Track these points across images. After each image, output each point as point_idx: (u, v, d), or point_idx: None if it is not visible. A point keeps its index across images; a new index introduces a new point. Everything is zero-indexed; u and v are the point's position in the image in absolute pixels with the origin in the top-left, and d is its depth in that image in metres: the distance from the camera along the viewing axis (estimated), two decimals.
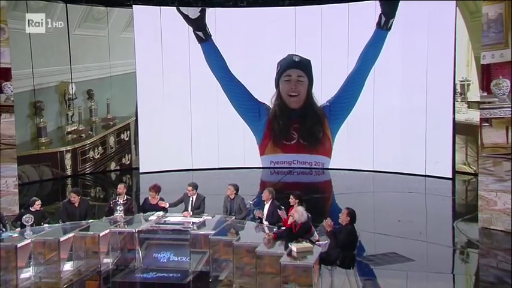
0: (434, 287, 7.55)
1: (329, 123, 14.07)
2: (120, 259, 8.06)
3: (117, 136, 14.18)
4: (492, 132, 9.59)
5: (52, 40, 12.80)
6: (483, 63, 9.70)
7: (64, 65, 13.06)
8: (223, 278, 7.56)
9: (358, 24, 13.47)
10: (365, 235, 8.50)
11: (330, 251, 7.32)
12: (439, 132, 12.97)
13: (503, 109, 9.33)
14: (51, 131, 13.14)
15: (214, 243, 7.84)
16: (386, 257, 8.27)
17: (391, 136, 13.40)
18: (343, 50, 13.60)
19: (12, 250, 7.49)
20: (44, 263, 7.74)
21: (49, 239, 7.84)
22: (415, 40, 13.09)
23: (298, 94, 14.06)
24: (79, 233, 8.05)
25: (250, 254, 7.52)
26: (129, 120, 14.21)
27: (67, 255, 7.87)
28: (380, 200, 11.87)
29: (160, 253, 8.18)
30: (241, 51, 13.69)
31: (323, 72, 13.76)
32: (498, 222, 9.41)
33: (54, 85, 13.01)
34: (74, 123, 13.48)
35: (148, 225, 8.35)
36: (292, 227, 7.59)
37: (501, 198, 9.38)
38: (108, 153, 14.09)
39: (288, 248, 7.21)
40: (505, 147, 9.38)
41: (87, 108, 13.69)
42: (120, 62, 13.74)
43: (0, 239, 7.73)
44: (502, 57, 9.30)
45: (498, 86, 9.33)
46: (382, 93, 13.50)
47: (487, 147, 9.67)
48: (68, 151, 13.37)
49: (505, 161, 9.37)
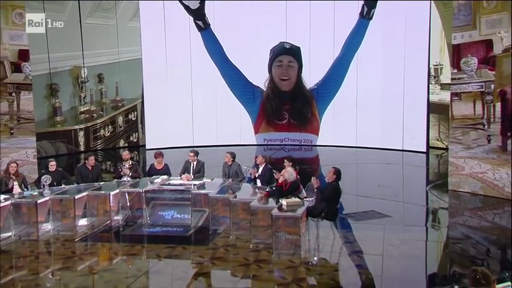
0: (408, 237, 7.69)
1: (317, 104, 14.09)
2: (129, 216, 8.26)
3: (125, 116, 14.18)
4: (461, 105, 9.75)
5: (66, 28, 12.75)
6: (454, 43, 9.83)
7: (77, 51, 13.06)
8: (221, 231, 7.76)
9: (343, 14, 13.46)
10: (348, 198, 8.64)
11: (316, 205, 7.50)
12: (415, 111, 13.09)
13: (471, 84, 9.50)
14: (66, 111, 13.19)
15: (213, 202, 8.04)
16: (366, 214, 8.44)
17: (372, 115, 13.48)
18: (329, 38, 13.60)
19: (33, 206, 7.72)
20: (61, 218, 7.95)
21: (65, 196, 8.06)
22: (393, 29, 13.13)
23: (289, 78, 14.05)
24: (92, 192, 8.26)
25: (245, 210, 7.72)
26: (136, 102, 14.20)
27: (81, 212, 8.07)
28: (362, 171, 12.04)
29: (165, 211, 8.38)
30: (237, 39, 13.60)
31: (311, 58, 13.77)
32: (465, 185, 9.59)
33: (68, 69, 13.04)
34: (86, 104, 13.51)
35: (154, 187, 8.54)
36: (282, 186, 7.77)
37: (468, 164, 9.56)
38: (117, 132, 14.11)
39: (278, 203, 7.42)
40: (472, 118, 9.58)
41: (98, 91, 13.72)
42: (127, 49, 13.71)
43: (23, 197, 7.92)
44: (470, 38, 9.46)
45: (467, 64, 9.48)
46: (364, 77, 13.53)
47: (457, 118, 9.84)
48: (81, 129, 13.43)
49: (472, 130, 9.57)
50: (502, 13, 9.07)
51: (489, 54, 9.26)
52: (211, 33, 13.79)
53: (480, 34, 9.35)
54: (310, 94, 14.08)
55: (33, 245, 7.32)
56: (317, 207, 7.44)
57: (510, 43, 8.98)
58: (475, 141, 9.47)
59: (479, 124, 9.47)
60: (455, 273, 5.51)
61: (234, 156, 9.22)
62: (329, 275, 6.25)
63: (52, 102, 12.88)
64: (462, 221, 8.65)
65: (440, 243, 7.79)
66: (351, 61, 13.64)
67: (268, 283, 6.08)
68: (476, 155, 9.47)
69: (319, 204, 7.44)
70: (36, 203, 7.71)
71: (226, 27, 13.75)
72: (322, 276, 6.18)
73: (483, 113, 9.39)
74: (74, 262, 6.85)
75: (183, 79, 13.84)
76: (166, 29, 13.70)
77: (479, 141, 9.45)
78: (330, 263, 6.77)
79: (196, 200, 8.14)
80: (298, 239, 7.06)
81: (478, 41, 9.37)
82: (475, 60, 9.41)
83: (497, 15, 9.12)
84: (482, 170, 9.40)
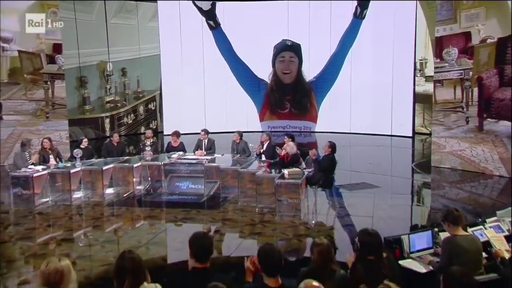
0: (395, 203, 7.79)
1: (315, 95, 14.11)
2: (149, 187, 8.38)
3: (145, 106, 14.24)
4: (443, 90, 9.82)
5: (93, 27, 12.88)
6: (437, 35, 9.85)
7: (103, 47, 13.11)
8: (230, 199, 7.87)
9: (338, 14, 13.48)
10: (342, 173, 8.67)
11: (314, 174, 7.61)
12: (402, 101, 13.12)
13: (451, 72, 9.55)
14: (93, 100, 13.26)
15: (224, 173, 8.20)
16: (358, 185, 8.55)
17: (364, 105, 13.47)
18: (326, 36, 13.61)
19: (67, 175, 7.89)
20: (91, 187, 8.10)
21: (94, 168, 8.21)
22: (383, 27, 13.12)
23: (290, 72, 14.07)
24: (118, 165, 8.41)
25: (252, 180, 7.84)
26: (155, 93, 14.24)
27: (108, 182, 8.22)
28: (355, 152, 12.05)
29: (181, 182, 8.48)
30: (244, 37, 13.60)
31: (310, 53, 13.78)
32: (446, 162, 9.67)
33: (95, 63, 13.11)
34: (111, 94, 13.55)
35: (172, 161, 8.66)
36: (284, 158, 7.87)
37: (449, 142, 9.63)
38: (139, 119, 14.16)
39: (281, 173, 7.52)
40: (452, 102, 9.64)
41: (121, 83, 13.75)
42: (147, 46, 13.74)
43: (58, 168, 8.08)
44: (451, 30, 9.49)
45: (448, 54, 9.52)
46: (357, 71, 13.53)
47: (439, 103, 9.90)
48: (106, 117, 13.49)
49: (452, 113, 9.63)
50: (479, 8, 9.12)
51: (468, 44, 9.30)
52: (222, 31, 13.84)
53: (460, 27, 9.39)
54: (309, 86, 14.09)
55: (66, 208, 7.48)
56: (315, 177, 7.54)
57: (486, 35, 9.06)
58: (455, 123, 9.53)
59: (458, 107, 9.53)
60: (434, 222, 5.60)
61: (241, 135, 9.31)
62: (325, 232, 6.36)
63: (82, 93, 12.95)
64: (443, 192, 8.74)
65: (424, 208, 7.91)
66: (346, 56, 13.64)
67: (271, 238, 6.19)
68: (456, 135, 9.55)
69: (317, 174, 7.54)
70: (70, 173, 7.87)
71: (234, 27, 13.77)
72: (319, 233, 6.29)
73: (462, 98, 9.45)
74: (103, 222, 7.02)
75: (196, 73, 13.86)
76: (181, 28, 13.73)
77: (458, 123, 9.52)
78: (326, 224, 6.89)
79: (208, 172, 8.25)
80: (298, 203, 7.17)
81: (458, 33, 9.41)
82: (455, 50, 9.45)
83: (475, 10, 9.16)
84: (461, 148, 9.48)
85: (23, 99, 10.66)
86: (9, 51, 10.50)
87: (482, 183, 8.83)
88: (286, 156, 7.79)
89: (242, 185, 7.92)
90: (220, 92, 14.03)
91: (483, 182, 8.88)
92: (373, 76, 13.45)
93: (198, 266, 3.21)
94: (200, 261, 3.21)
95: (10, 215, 7.29)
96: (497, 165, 8.99)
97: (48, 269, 2.93)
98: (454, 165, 9.52)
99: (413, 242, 4.16)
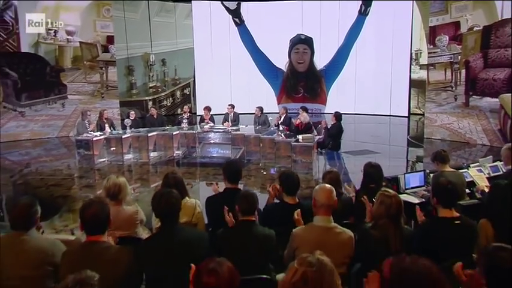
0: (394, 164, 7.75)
1: (325, 82, 13.90)
2: (185, 152, 8.52)
3: (181, 91, 14.21)
4: (435, 72, 9.69)
5: (139, 24, 12.90)
6: (430, 25, 9.70)
7: (146, 41, 13.08)
8: (253, 161, 7.99)
9: (345, 12, 13.23)
10: (347, 143, 8.64)
11: (324, 139, 7.68)
12: (400, 86, 12.88)
13: (443, 56, 9.41)
14: (139, 86, 13.25)
15: (247, 140, 8.29)
16: (361, 151, 8.48)
17: (367, 89, 13.23)
18: (334, 30, 13.39)
19: (119, 140, 8.11)
20: (139, 150, 8.31)
21: (141, 135, 8.39)
22: (384, 23, 12.83)
23: (304, 62, 13.89)
24: (160, 133, 8.57)
25: (271, 146, 7.93)
26: (189, 80, 14.18)
27: (152, 147, 8.40)
28: (359, 128, 11.93)
29: (211, 148, 8.61)
30: (264, 32, 13.44)
31: (321, 46, 13.57)
32: (437, 134, 9.57)
33: (140, 55, 13.08)
34: (153, 81, 13.52)
35: (204, 130, 8.79)
36: (299, 126, 7.95)
37: (439, 117, 9.53)
38: (176, 102, 14.16)
39: (296, 138, 7.61)
40: (443, 83, 9.52)
41: (161, 71, 13.71)
42: (183, 40, 13.66)
43: (112, 134, 8.30)
44: (443, 20, 9.34)
45: (440, 40, 9.38)
46: (361, 60, 13.29)
47: (432, 83, 9.79)
48: (150, 100, 13.53)
49: (443, 92, 9.51)
50: (468, 1, 8.95)
51: (457, 32, 9.14)
52: (245, 27, 13.75)
53: (451, 17, 9.22)
54: (320, 74, 13.91)
55: (119, 167, 7.69)
56: (325, 141, 7.61)
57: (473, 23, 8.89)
58: (445, 100, 9.42)
59: (448, 87, 9.40)
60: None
61: (261, 110, 9.41)
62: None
63: (129, 79, 12.99)
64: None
65: (418, 164, 7.90)
66: (351, 48, 13.42)
67: None
68: (445, 111, 9.44)
69: (327, 139, 7.60)
70: (122, 138, 8.09)
71: (256, 23, 13.65)
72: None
73: (452, 78, 9.32)
74: (149, 176, 7.22)
75: (224, 63, 13.80)
76: (211, 25, 13.67)
77: (448, 100, 9.41)
78: None
79: (234, 139, 8.36)
80: (310, 162, 7.27)
81: (449, 22, 9.26)
82: (446, 37, 9.31)
83: (464, 2, 8.98)
84: (449, 121, 9.38)
85: (83, 81, 10.90)
86: (72, 42, 10.71)
87: (467, 151, 8.73)
88: (300, 124, 7.89)
89: (263, 149, 8.03)
90: (244, 79, 13.94)
91: (468, 150, 8.78)
92: (375, 65, 13.22)
93: (230, 187, 3.34)
94: (232, 183, 3.35)
95: (75, 170, 7.57)
96: (480, 136, 8.89)
97: (109, 183, 3.11)
98: (444, 136, 9.42)
99: (408, 180, 4.21)
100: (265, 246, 2.56)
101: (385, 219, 2.43)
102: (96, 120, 8.70)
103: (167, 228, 2.42)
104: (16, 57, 10.18)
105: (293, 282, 1.58)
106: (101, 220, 2.24)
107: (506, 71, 8.36)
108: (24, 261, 2.23)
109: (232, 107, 9.38)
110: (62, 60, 10.75)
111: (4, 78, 10.03)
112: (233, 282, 1.59)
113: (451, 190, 2.59)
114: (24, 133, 10.25)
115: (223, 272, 1.56)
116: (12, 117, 10.22)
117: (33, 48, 10.33)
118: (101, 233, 2.26)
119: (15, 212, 2.37)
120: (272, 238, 2.59)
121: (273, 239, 2.59)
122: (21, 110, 10.30)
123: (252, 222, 2.63)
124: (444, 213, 2.57)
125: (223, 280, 1.55)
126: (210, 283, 1.55)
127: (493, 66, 8.56)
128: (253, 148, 8.24)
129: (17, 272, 2.21)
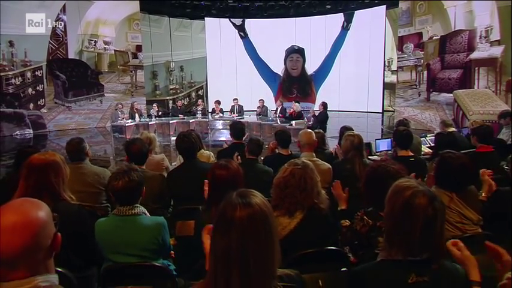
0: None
1: (314, 84, 13.92)
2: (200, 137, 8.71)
3: (196, 92, 14.22)
4: (403, 74, 9.85)
5: (162, 37, 12.97)
6: (399, 35, 9.86)
7: (168, 51, 13.14)
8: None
9: (331, 27, 13.32)
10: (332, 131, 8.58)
11: (313, 124, 7.85)
12: (375, 88, 12.85)
13: (409, 60, 9.58)
14: (162, 88, 13.23)
15: (250, 127, 8.39)
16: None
17: (348, 91, 13.25)
18: (322, 42, 13.46)
19: (147, 126, 8.28)
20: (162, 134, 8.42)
21: (164, 121, 8.57)
22: (362, 36, 12.84)
23: (297, 68, 13.91)
24: (179, 120, 8.76)
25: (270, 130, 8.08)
26: (202, 83, 14.16)
27: (173, 132, 8.51)
28: (341, 120, 11.87)
29: (221, 134, 8.78)
30: (265, 43, 13.53)
31: (311, 55, 13.64)
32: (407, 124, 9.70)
33: (163, 62, 13.09)
34: (173, 84, 13.56)
35: (214, 119, 8.96)
36: (292, 114, 8.13)
37: (406, 110, 9.69)
38: (191, 101, 14.22)
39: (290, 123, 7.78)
40: (409, 82, 9.67)
41: (180, 76, 13.71)
42: (197, 51, 13.68)
43: (140, 121, 8.48)
44: (409, 32, 9.50)
45: (407, 47, 9.54)
46: (344, 66, 13.33)
47: (400, 82, 9.95)
48: (170, 99, 13.54)
49: (409, 89, 9.66)
50: (428, 15, 9.10)
51: (420, 41, 9.30)
52: (249, 40, 13.83)
53: (415, 29, 9.38)
54: (310, 78, 13.94)
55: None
56: (313, 126, 7.77)
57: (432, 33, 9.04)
58: (411, 96, 9.57)
59: (413, 85, 9.56)
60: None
61: (263, 102, 9.57)
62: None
63: (154, 82, 13.10)
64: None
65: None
66: (336, 57, 13.46)
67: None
68: (411, 104, 9.59)
69: (316, 124, 7.77)
70: (148, 124, 8.27)
71: (258, 36, 13.73)
72: None
73: (416, 78, 9.48)
74: (170, 154, 7.38)
75: (231, 69, 13.88)
76: (221, 38, 13.76)
77: (413, 96, 9.56)
78: None
79: None
80: None
81: (413, 33, 9.41)
82: (411, 45, 9.46)
83: (425, 16, 9.14)
84: (414, 113, 9.52)
85: (117, 82, 11.09)
86: (108, 50, 10.91)
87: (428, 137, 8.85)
88: (294, 113, 8.06)
89: (263, 134, 8.20)
90: (248, 82, 13.98)
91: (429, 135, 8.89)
92: (355, 70, 13.21)
93: (236, 142, 3.54)
94: (237, 138, 3.55)
95: (112, 150, 7.76)
96: (438, 124, 9.02)
97: (142, 136, 3.31)
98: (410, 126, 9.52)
99: (378, 145, 4.41)
100: (265, 177, 2.75)
101: (352, 151, 2.62)
102: (129, 111, 8.87)
103: (188, 162, 2.62)
104: (65, 63, 10.38)
105: (284, 177, 1.78)
106: (143, 153, 2.45)
107: (458, 71, 8.52)
108: (83, 182, 2.43)
109: (237, 101, 9.51)
110: (100, 65, 10.92)
111: (55, 79, 10.25)
112: (239, 174, 1.79)
113: (406, 135, 2.77)
114: (70, 124, 10.45)
115: (232, 166, 1.76)
116: (61, 111, 10.43)
117: (78, 55, 10.53)
118: (142, 163, 2.47)
119: (68, 147, 2.54)
120: (270, 172, 2.78)
121: (271, 173, 2.77)
122: (68, 105, 10.50)
123: (255, 160, 2.82)
124: (402, 153, 2.76)
125: (232, 172, 1.75)
126: (222, 175, 1.74)
127: (448, 68, 8.71)
128: (255, 133, 8.38)
129: (80, 189, 2.42)
